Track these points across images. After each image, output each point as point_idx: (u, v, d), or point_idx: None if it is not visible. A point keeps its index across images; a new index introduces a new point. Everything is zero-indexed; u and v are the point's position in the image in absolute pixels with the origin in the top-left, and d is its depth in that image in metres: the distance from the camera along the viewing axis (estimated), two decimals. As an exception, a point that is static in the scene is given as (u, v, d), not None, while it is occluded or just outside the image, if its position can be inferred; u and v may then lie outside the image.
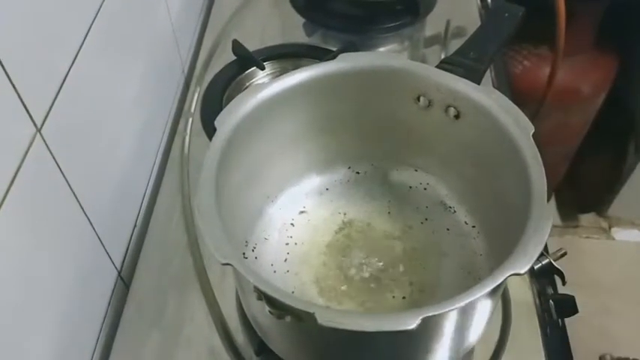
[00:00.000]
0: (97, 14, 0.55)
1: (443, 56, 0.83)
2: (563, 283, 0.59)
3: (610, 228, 1.66)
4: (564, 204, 1.66)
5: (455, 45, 0.84)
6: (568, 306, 0.59)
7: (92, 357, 0.56)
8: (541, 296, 0.60)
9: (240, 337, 0.56)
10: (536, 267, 0.58)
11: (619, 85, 1.30)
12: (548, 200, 0.45)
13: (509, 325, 0.56)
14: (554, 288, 0.63)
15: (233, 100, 0.53)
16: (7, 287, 0.42)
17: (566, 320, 0.60)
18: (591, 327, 1.33)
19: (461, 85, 0.54)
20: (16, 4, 0.42)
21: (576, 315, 0.59)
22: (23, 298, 0.44)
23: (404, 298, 0.54)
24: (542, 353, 0.55)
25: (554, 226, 0.43)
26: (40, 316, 0.47)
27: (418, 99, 0.57)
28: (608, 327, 1.40)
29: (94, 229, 0.55)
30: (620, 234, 1.65)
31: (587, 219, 1.69)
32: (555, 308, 0.59)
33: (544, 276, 0.61)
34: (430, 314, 0.37)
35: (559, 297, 0.60)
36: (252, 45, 0.82)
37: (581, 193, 1.64)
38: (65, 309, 0.51)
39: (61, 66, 0.49)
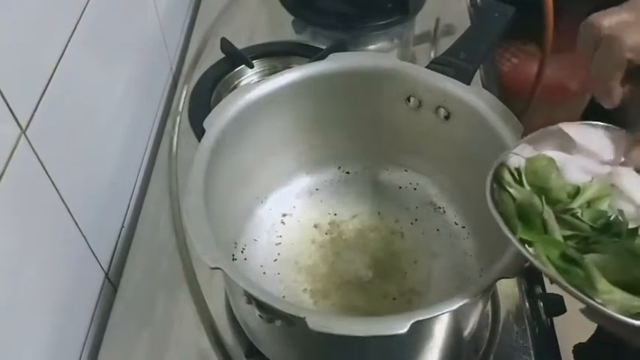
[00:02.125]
0: (82, 12, 0.54)
1: (432, 54, 0.83)
2: (552, 281, 0.59)
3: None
4: (552, 200, 1.67)
5: (444, 43, 0.84)
6: (556, 305, 0.60)
7: (80, 358, 0.55)
8: (530, 296, 0.60)
9: (229, 338, 0.56)
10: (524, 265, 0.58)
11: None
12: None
13: (497, 325, 0.56)
14: (543, 286, 0.63)
15: (222, 101, 0.53)
16: (-8, 291, 0.41)
17: (553, 315, 0.61)
18: (577, 321, 1.34)
19: (451, 85, 0.54)
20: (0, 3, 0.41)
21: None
22: (10, 299, 0.44)
23: (394, 299, 0.54)
24: (531, 352, 0.55)
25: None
26: (27, 317, 0.47)
27: (408, 99, 0.57)
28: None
29: (80, 230, 0.55)
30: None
31: (574, 214, 1.69)
32: (544, 308, 0.59)
33: (532, 274, 0.61)
34: (420, 319, 0.37)
35: (548, 297, 0.60)
36: (240, 43, 0.82)
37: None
38: (52, 310, 0.50)
39: (46, 65, 0.48)
